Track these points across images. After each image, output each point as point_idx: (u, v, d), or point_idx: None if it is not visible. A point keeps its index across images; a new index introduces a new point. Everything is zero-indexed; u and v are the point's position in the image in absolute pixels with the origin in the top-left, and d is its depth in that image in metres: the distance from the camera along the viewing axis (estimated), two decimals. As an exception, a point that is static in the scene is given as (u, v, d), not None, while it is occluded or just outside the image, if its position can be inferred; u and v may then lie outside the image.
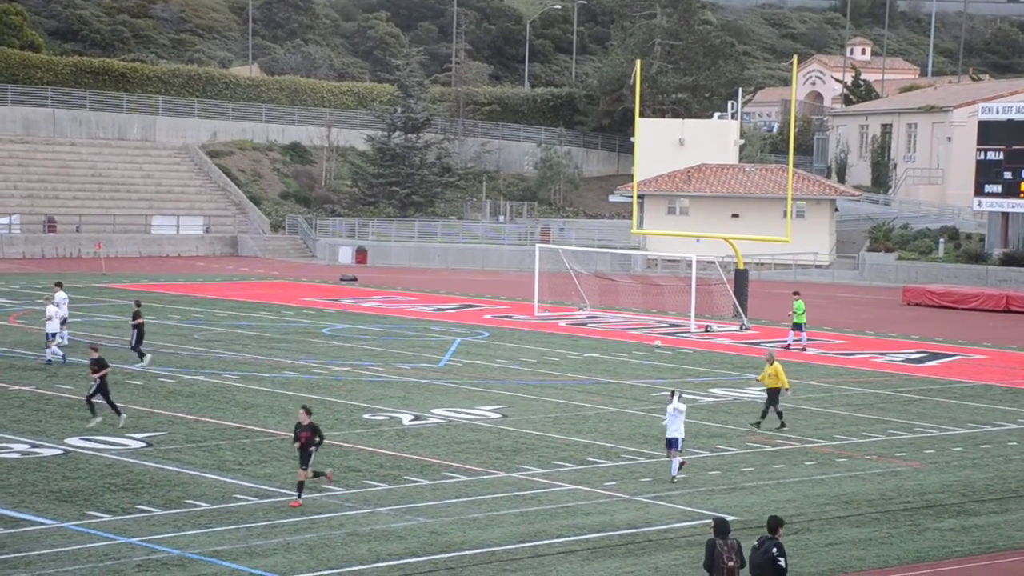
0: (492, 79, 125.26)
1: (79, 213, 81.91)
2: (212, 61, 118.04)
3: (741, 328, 52.23)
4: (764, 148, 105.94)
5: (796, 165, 70.52)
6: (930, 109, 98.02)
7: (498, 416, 32.53)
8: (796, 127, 68.13)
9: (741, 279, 55.26)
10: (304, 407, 24.27)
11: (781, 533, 17.02)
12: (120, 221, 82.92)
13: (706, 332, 50.62)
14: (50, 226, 79.86)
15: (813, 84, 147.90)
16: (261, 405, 32.98)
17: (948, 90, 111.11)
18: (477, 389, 36.35)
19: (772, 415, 31.67)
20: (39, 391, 33.98)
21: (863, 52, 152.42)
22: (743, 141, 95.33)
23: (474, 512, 23.58)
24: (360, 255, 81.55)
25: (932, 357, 46.07)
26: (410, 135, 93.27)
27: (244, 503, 23.60)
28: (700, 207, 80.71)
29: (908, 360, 45.22)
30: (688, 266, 60.22)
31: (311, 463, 23.73)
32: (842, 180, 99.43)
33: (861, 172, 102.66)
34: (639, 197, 69.98)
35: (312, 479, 23.95)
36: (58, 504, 23.30)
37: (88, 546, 20.92)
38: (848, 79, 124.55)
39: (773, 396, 31.62)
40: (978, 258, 72.49)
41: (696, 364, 42.70)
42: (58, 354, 38.49)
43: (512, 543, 21.80)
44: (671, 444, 26.22)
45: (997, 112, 70.59)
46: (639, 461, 27.75)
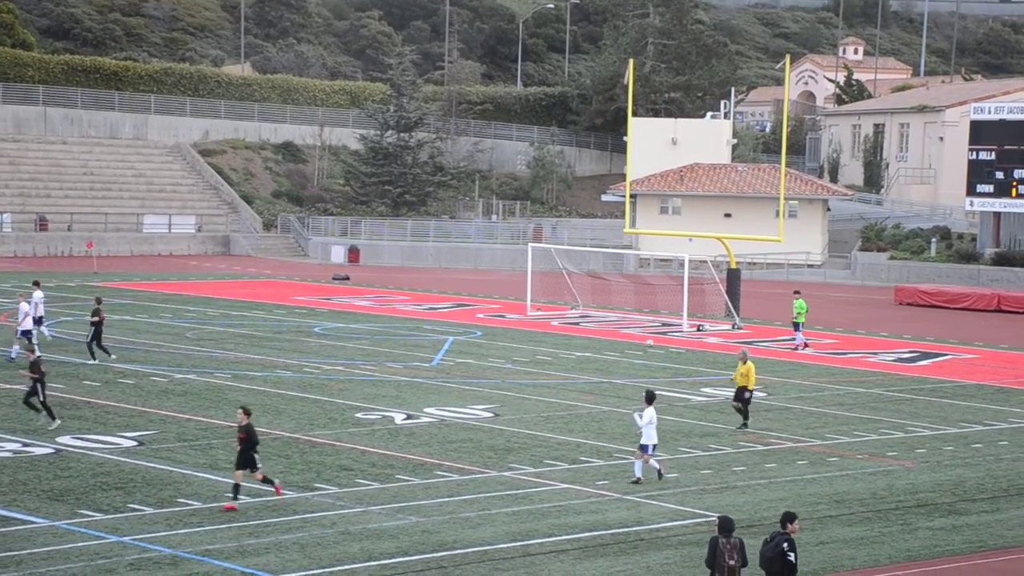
0: (485, 78, 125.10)
1: (71, 212, 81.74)
2: (204, 60, 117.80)
3: (733, 327, 52.29)
4: (756, 148, 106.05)
5: (788, 165, 70.55)
6: (922, 109, 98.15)
7: (490, 415, 32.54)
8: (788, 127, 68.13)
9: (733, 278, 55.38)
10: (243, 407, 24.13)
11: (796, 528, 16.98)
12: (112, 220, 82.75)
13: (698, 331, 50.65)
14: (41, 225, 79.66)
15: (806, 84, 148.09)
16: (253, 404, 32.73)
17: (940, 90, 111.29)
18: (469, 388, 36.35)
19: (744, 412, 31.77)
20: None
21: (855, 52, 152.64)
22: (736, 141, 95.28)
23: (466, 511, 23.58)
24: (352, 254, 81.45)
25: (924, 357, 46.15)
26: (403, 134, 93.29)
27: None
28: (692, 206, 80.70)
29: (900, 360, 45.28)
30: (680, 265, 60.28)
31: (258, 465, 23.43)
32: (834, 180, 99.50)
33: (853, 172, 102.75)
34: (632, 196, 69.94)
35: (261, 482, 23.66)
36: (49, 503, 23.26)
37: (80, 545, 20.88)
38: (840, 79, 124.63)
39: (739, 394, 31.84)
40: (970, 258, 72.57)
41: (688, 363, 42.73)
42: (12, 354, 37.48)
43: (504, 542, 21.81)
44: (645, 449, 26.21)
45: (989, 112, 70.66)
46: (631, 460, 27.75)
